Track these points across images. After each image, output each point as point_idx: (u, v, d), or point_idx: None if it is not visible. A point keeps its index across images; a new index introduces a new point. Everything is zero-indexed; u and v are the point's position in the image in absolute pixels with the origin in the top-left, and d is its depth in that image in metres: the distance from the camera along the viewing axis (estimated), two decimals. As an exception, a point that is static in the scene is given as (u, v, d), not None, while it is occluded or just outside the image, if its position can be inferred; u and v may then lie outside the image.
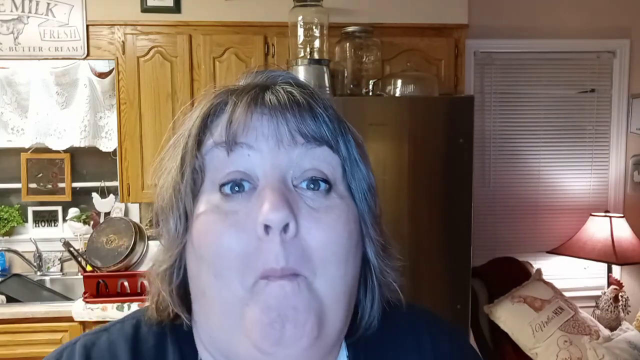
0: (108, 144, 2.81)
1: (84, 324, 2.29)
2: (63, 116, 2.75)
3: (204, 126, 0.47)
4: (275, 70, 0.51)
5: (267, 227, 0.41)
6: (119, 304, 2.28)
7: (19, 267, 2.79)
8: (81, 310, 2.26)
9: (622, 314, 2.61)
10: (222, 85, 0.51)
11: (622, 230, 2.69)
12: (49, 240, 2.78)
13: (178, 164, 0.48)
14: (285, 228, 0.41)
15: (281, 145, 0.45)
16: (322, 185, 0.45)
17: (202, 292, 0.45)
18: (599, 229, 2.72)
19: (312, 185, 0.45)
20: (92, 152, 2.84)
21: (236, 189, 0.45)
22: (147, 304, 0.53)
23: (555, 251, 2.87)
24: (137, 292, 2.33)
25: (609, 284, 2.71)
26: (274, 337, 0.41)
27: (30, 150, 2.82)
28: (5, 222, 2.80)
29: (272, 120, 0.45)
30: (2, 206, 2.83)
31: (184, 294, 0.50)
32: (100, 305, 2.27)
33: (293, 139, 0.45)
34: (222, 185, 0.45)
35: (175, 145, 0.50)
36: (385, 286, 0.52)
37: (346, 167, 0.48)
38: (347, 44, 2.39)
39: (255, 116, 0.45)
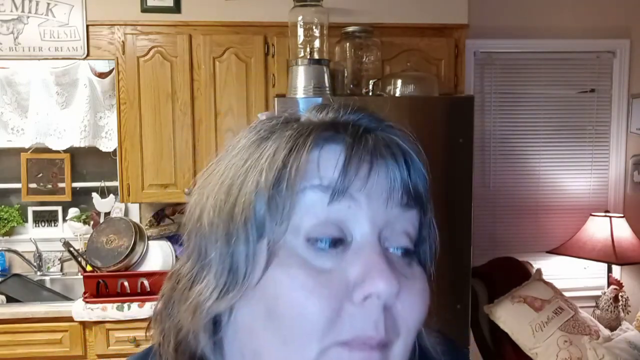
0: (108, 144, 2.81)
1: (84, 324, 2.29)
2: (63, 116, 2.75)
3: (305, 155, 0.40)
4: (374, 115, 0.45)
5: (366, 298, 0.37)
6: (119, 304, 2.28)
7: (19, 267, 2.79)
8: (81, 310, 2.26)
9: (622, 314, 2.61)
10: (330, 117, 0.44)
11: (622, 230, 2.69)
12: (49, 240, 2.78)
13: (253, 185, 0.40)
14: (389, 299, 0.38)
15: (388, 203, 0.40)
16: (406, 251, 0.42)
17: (257, 353, 0.40)
18: (599, 229, 2.72)
19: (398, 250, 0.41)
20: (92, 152, 2.84)
21: (327, 243, 0.39)
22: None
23: (555, 251, 2.87)
24: (137, 292, 2.33)
25: (609, 284, 2.71)
26: None
27: (30, 150, 2.82)
28: (5, 222, 2.80)
29: (386, 173, 0.40)
30: (2, 206, 2.83)
31: (222, 346, 0.44)
32: (100, 305, 2.27)
33: (401, 198, 0.41)
34: (312, 237, 0.39)
35: (245, 162, 0.42)
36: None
37: (423, 231, 0.44)
38: (347, 44, 2.39)
39: (373, 167, 0.40)
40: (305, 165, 0.39)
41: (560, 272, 2.96)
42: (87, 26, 2.48)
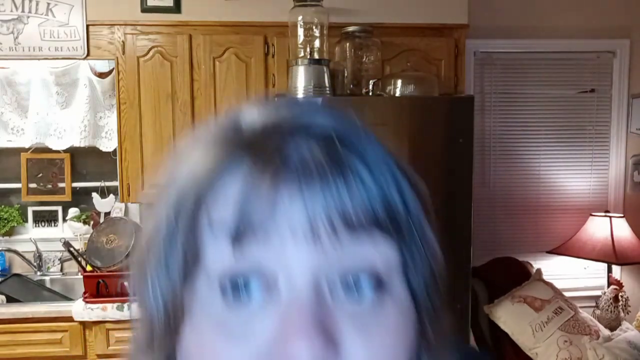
0: (108, 144, 2.81)
1: (84, 324, 2.29)
2: (63, 116, 2.75)
3: (206, 188, 0.33)
4: (299, 105, 0.37)
5: None
6: (119, 304, 2.28)
7: (19, 267, 2.79)
8: (81, 310, 2.26)
9: (622, 314, 2.62)
10: (230, 131, 0.35)
11: (622, 230, 2.69)
12: (49, 240, 2.78)
13: (164, 230, 0.34)
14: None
15: (315, 239, 0.30)
16: (370, 287, 0.32)
17: None
18: (599, 229, 2.72)
19: (356, 291, 0.32)
20: (92, 152, 2.84)
21: (247, 288, 0.31)
22: None
23: (555, 251, 2.87)
24: (137, 292, 2.33)
25: (609, 284, 2.71)
26: None
27: (30, 150, 2.81)
28: (5, 222, 2.80)
29: (300, 198, 0.31)
30: (2, 206, 2.83)
31: None
32: (100, 305, 2.27)
33: (332, 229, 0.31)
34: (224, 284, 0.31)
35: (169, 186, 0.36)
36: None
37: (405, 253, 0.34)
38: (347, 44, 2.39)
39: (279, 192, 0.31)
40: (206, 202, 0.32)
41: (560, 272, 2.96)
42: (87, 26, 2.48)
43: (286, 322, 0.30)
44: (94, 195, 2.82)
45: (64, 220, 2.85)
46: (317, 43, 2.25)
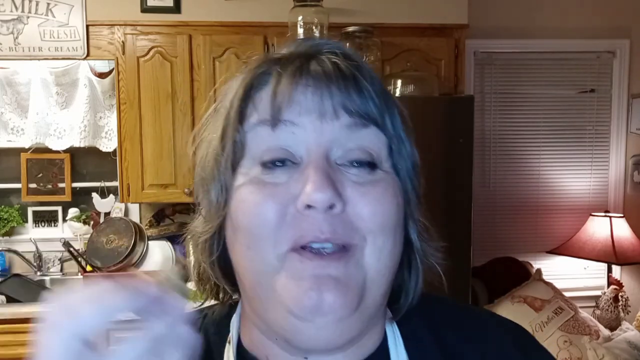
0: (108, 144, 2.81)
1: (84, 324, 2.29)
2: (63, 116, 2.75)
3: (247, 97, 0.46)
4: (321, 39, 0.49)
5: (309, 207, 0.41)
6: (119, 304, 2.28)
7: (19, 267, 2.78)
8: (81, 310, 2.26)
9: (622, 314, 2.61)
10: (264, 54, 0.49)
11: (622, 230, 2.69)
12: (49, 240, 2.77)
13: (219, 135, 0.47)
14: (330, 207, 0.41)
15: (324, 121, 0.43)
16: (366, 165, 0.45)
17: (237, 263, 0.46)
18: (599, 229, 2.72)
19: (356, 164, 0.44)
20: (92, 152, 2.84)
21: (278, 164, 0.44)
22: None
23: (555, 251, 2.87)
24: (137, 292, 2.33)
25: (609, 284, 2.71)
26: (311, 305, 0.41)
27: (30, 150, 2.81)
28: (5, 222, 2.80)
29: (316, 93, 0.44)
30: (2, 206, 2.83)
31: (224, 266, 0.49)
32: (100, 305, 2.27)
33: (336, 114, 0.43)
34: (263, 158, 0.44)
35: (216, 115, 0.49)
36: (427, 267, 0.51)
37: (392, 145, 0.46)
38: (347, 44, 2.39)
39: (299, 89, 0.44)
40: (246, 109, 0.45)
41: (560, 272, 2.96)
42: (87, 26, 2.48)
43: (306, 177, 0.42)
44: (94, 195, 2.82)
45: (64, 220, 2.85)
46: (317, 43, 2.25)
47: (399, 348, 0.50)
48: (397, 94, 2.26)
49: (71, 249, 2.44)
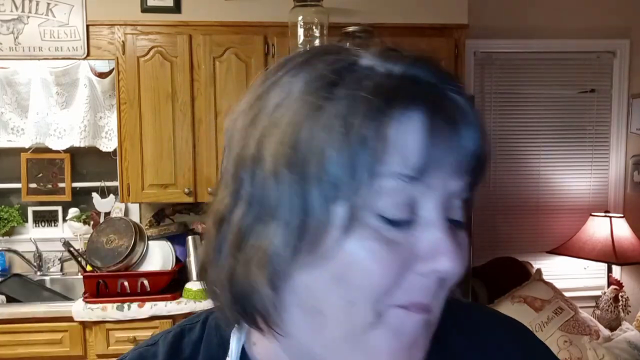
0: (108, 144, 2.81)
1: (84, 324, 2.29)
2: (63, 116, 2.75)
3: (380, 132, 0.37)
4: (434, 61, 0.42)
5: (433, 272, 0.39)
6: (119, 304, 2.28)
7: (19, 267, 2.79)
8: (81, 310, 2.26)
9: (622, 314, 2.61)
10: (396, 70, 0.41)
11: (622, 230, 2.69)
12: (49, 240, 2.78)
13: (327, 143, 0.37)
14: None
15: (453, 179, 0.39)
16: (459, 223, 0.42)
17: (317, 310, 0.41)
18: (599, 229, 2.72)
19: (457, 221, 0.41)
20: (92, 152, 2.84)
21: (404, 218, 0.39)
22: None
23: (555, 251, 2.87)
24: (137, 292, 2.33)
25: (609, 284, 2.71)
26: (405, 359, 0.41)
27: (30, 150, 2.82)
28: (5, 222, 2.80)
29: (456, 147, 0.39)
30: (2, 206, 2.83)
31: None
32: (100, 305, 2.27)
33: (462, 172, 0.40)
34: (388, 218, 0.38)
35: (318, 101, 0.38)
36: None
37: (473, 198, 0.43)
38: (347, 44, 2.38)
39: (447, 142, 0.38)
40: (382, 146, 0.37)
41: (560, 272, 2.97)
42: (87, 26, 2.48)
43: (437, 243, 0.38)
44: (94, 195, 2.82)
45: (64, 220, 2.86)
46: (317, 43, 2.25)
47: None
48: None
49: (71, 249, 2.44)
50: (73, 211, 2.83)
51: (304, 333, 0.42)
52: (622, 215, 2.79)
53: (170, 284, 2.37)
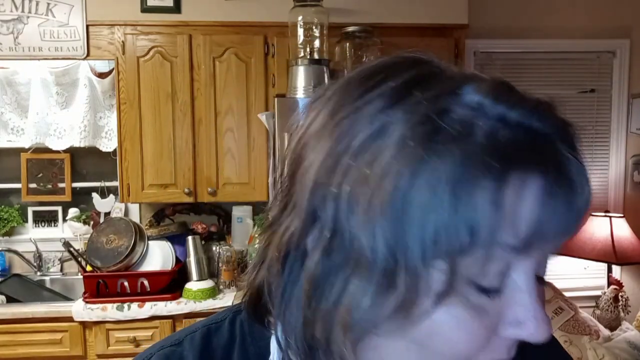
0: (108, 144, 2.81)
1: (84, 324, 2.29)
2: (63, 116, 2.75)
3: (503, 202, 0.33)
4: (547, 105, 0.38)
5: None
6: (119, 304, 2.28)
7: (19, 267, 2.79)
8: (81, 310, 2.26)
9: (622, 314, 2.61)
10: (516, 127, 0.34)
11: (622, 230, 2.69)
12: (49, 240, 2.78)
13: (430, 207, 0.32)
14: None
15: (562, 240, 0.37)
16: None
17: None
18: (599, 229, 2.72)
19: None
20: (92, 152, 2.84)
21: (496, 288, 0.36)
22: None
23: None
24: (137, 292, 2.33)
25: (609, 284, 2.71)
26: None
27: (30, 150, 2.82)
28: (5, 222, 2.80)
29: (565, 219, 0.35)
30: (2, 206, 2.83)
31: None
32: (100, 305, 2.27)
33: (559, 242, 0.37)
34: (482, 287, 0.35)
35: (418, 155, 0.33)
36: None
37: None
38: (347, 44, 2.39)
39: (565, 208, 0.35)
40: (495, 214, 0.32)
41: (560, 272, 2.96)
42: (87, 26, 2.48)
43: (526, 308, 0.36)
44: (94, 195, 2.82)
45: (64, 220, 2.86)
46: (317, 43, 2.25)
47: None
48: (397, 94, 2.26)
49: (71, 249, 2.44)
50: (73, 211, 2.83)
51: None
52: (622, 215, 2.79)
53: (170, 284, 2.37)
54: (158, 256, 2.44)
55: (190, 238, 2.51)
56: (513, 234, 0.33)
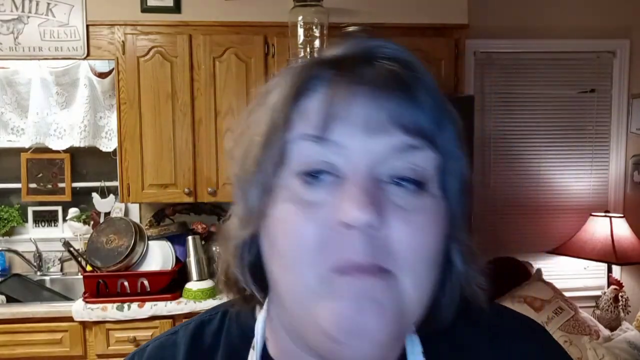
0: (108, 144, 2.81)
1: (84, 324, 2.29)
2: (63, 116, 2.75)
3: (294, 103, 0.42)
4: (377, 39, 0.44)
5: (348, 225, 0.39)
6: (119, 304, 2.28)
7: (19, 267, 2.79)
8: (81, 310, 2.26)
9: (622, 314, 2.61)
10: (315, 55, 0.46)
11: (622, 230, 2.69)
12: (49, 240, 2.78)
13: (262, 139, 0.44)
14: (370, 227, 0.39)
15: (373, 136, 0.40)
16: (413, 184, 0.42)
17: (273, 280, 0.44)
18: (599, 229, 2.72)
19: (402, 183, 0.41)
20: (92, 152, 2.84)
21: (319, 176, 0.41)
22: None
23: (555, 251, 2.87)
24: (137, 292, 2.33)
25: (609, 284, 2.71)
26: (350, 328, 0.39)
27: (30, 150, 2.82)
28: (5, 222, 2.80)
29: (368, 106, 0.40)
30: (2, 206, 2.83)
31: (256, 272, 0.47)
32: (100, 305, 2.27)
33: (387, 130, 0.40)
34: (305, 173, 0.41)
35: (259, 110, 0.45)
36: (468, 289, 0.49)
37: (444, 165, 0.43)
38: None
39: (350, 101, 0.40)
40: (292, 114, 0.42)
41: (560, 272, 2.96)
42: (87, 26, 2.48)
43: (347, 195, 0.39)
44: (94, 195, 2.82)
45: (64, 220, 2.86)
46: (317, 43, 2.25)
47: (417, 356, 0.48)
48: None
49: (71, 249, 2.44)
50: (73, 211, 2.83)
51: (278, 305, 0.46)
52: (622, 215, 2.79)
53: (170, 284, 2.37)
54: (158, 256, 2.43)
55: (190, 238, 2.51)
56: (308, 126, 0.41)
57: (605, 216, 2.74)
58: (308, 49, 2.24)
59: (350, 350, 0.40)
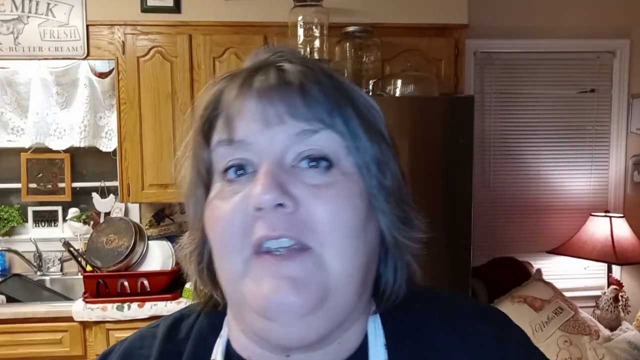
0: (108, 144, 2.81)
1: (84, 324, 2.29)
2: (63, 116, 2.75)
3: (207, 118, 0.49)
4: (278, 48, 0.51)
5: (259, 209, 0.43)
6: (119, 304, 2.28)
7: (19, 267, 2.79)
8: (81, 310, 2.26)
9: (622, 314, 2.61)
10: (226, 71, 0.52)
11: (622, 230, 2.69)
12: (49, 240, 2.78)
13: (192, 154, 0.51)
14: (281, 206, 0.43)
15: (272, 128, 0.45)
16: (322, 163, 0.46)
17: (218, 270, 0.49)
18: (599, 229, 2.72)
19: (312, 164, 0.46)
20: (92, 152, 2.84)
21: (239, 172, 0.47)
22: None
23: (555, 251, 2.87)
24: (137, 292, 2.33)
25: (609, 284, 2.71)
26: (271, 305, 0.43)
27: (30, 150, 2.82)
28: (5, 222, 2.80)
29: (260, 104, 0.46)
30: (2, 206, 2.83)
31: (213, 275, 0.52)
32: (100, 305, 2.27)
33: (282, 121, 0.45)
34: (225, 171, 0.47)
35: (190, 133, 0.52)
36: (408, 258, 0.53)
37: (347, 143, 0.47)
38: (347, 44, 2.39)
39: (245, 104, 0.46)
40: (206, 127, 0.49)
41: (560, 272, 2.96)
42: (87, 26, 2.48)
43: (255, 181, 0.44)
44: (94, 195, 2.82)
45: (64, 220, 2.86)
46: (317, 43, 2.25)
47: (379, 348, 0.51)
48: (397, 94, 2.26)
49: (71, 249, 2.44)
50: (73, 211, 2.83)
51: (227, 298, 0.51)
52: (622, 215, 2.79)
53: (170, 284, 2.37)
54: (158, 256, 2.43)
55: (190, 238, 2.50)
56: (220, 130, 0.48)
57: (605, 216, 2.74)
58: (308, 49, 2.24)
59: (279, 327, 0.44)
